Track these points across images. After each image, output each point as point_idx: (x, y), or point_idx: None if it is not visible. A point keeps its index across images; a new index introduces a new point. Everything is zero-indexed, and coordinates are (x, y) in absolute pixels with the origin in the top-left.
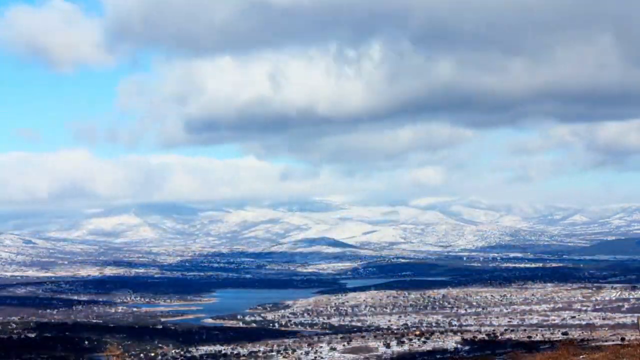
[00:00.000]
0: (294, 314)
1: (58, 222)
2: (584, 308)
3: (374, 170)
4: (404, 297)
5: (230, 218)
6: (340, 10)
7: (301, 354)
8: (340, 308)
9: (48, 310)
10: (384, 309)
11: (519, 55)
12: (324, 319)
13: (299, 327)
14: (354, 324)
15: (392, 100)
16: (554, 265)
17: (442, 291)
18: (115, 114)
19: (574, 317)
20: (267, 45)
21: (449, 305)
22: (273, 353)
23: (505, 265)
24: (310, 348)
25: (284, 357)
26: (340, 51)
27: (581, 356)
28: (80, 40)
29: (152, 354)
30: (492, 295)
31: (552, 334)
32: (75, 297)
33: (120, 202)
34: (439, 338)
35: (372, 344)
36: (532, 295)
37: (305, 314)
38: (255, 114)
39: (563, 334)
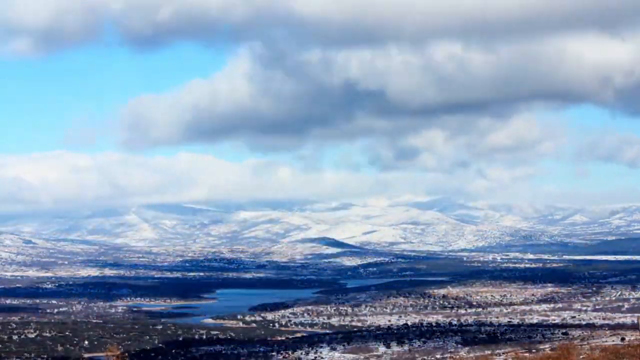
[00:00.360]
0: (294, 314)
1: (58, 222)
2: (584, 308)
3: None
4: (404, 297)
5: (230, 218)
6: None
7: (301, 354)
8: (340, 308)
9: (48, 310)
10: (384, 309)
11: None
12: (324, 319)
13: (299, 327)
14: (354, 324)
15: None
16: (554, 265)
17: (442, 291)
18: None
19: (574, 317)
20: None
21: (449, 305)
22: (273, 353)
23: (505, 265)
24: (310, 348)
25: (284, 357)
26: None
27: (581, 356)
28: None
29: (153, 354)
30: (492, 295)
31: (552, 334)
32: (76, 297)
33: (120, 202)
34: (439, 338)
35: (372, 344)
36: (532, 295)
37: (305, 314)
38: None
39: (563, 334)
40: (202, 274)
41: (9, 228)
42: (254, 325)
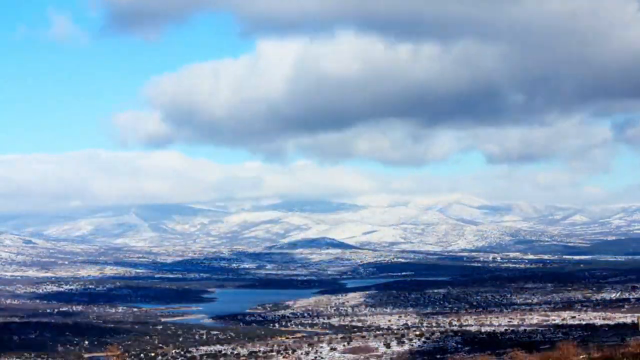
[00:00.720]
0: (294, 314)
1: (58, 222)
2: (584, 308)
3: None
4: (404, 297)
5: (230, 218)
6: None
7: (301, 354)
8: (340, 308)
9: (48, 310)
10: (384, 309)
11: None
12: (324, 319)
13: (299, 327)
14: (354, 324)
15: None
16: (554, 265)
17: (442, 291)
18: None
19: (574, 317)
20: None
21: (449, 305)
22: (273, 353)
23: (505, 265)
24: (310, 348)
25: (284, 357)
26: None
27: (581, 356)
28: None
29: (152, 354)
30: (492, 295)
31: (552, 334)
32: (76, 297)
33: (120, 202)
34: (439, 338)
35: (372, 344)
36: (532, 295)
37: (306, 314)
38: None
39: (563, 334)
40: (202, 274)
41: (9, 228)
42: (254, 325)
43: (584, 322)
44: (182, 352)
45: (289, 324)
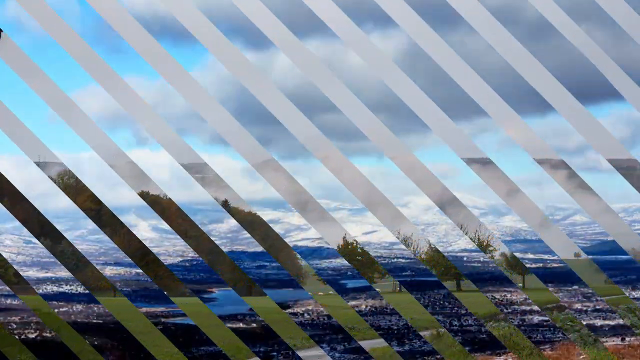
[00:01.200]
0: (294, 314)
1: (58, 222)
2: (584, 308)
3: None
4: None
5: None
6: None
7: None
8: None
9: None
10: (384, 309)
11: None
12: (324, 319)
13: (299, 327)
14: (354, 324)
15: None
16: (554, 265)
17: (443, 291)
18: None
19: (574, 316)
20: None
21: (449, 305)
22: (273, 353)
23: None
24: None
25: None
26: None
27: (581, 357)
28: None
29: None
30: (492, 296)
31: (552, 334)
32: (76, 297)
33: (120, 201)
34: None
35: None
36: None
37: (306, 314)
38: None
39: (563, 334)
40: (202, 274)
41: (9, 228)
42: (254, 325)
43: (584, 322)
44: (182, 353)
45: None
